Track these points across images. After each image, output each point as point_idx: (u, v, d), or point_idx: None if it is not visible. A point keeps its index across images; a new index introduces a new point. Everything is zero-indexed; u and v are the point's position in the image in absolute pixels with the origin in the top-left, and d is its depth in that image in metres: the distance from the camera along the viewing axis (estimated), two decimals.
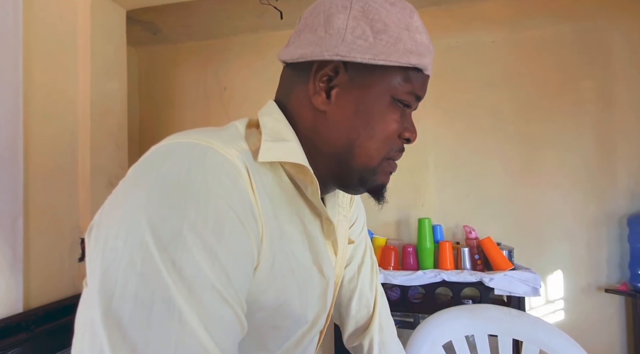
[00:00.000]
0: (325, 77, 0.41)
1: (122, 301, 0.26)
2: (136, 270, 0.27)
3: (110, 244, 0.28)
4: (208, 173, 0.31)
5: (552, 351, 0.93)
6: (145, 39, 2.08)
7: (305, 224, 0.42)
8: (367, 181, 0.43)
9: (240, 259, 0.32)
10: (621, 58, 1.64)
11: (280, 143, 0.39)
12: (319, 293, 0.44)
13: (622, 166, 1.62)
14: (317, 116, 0.42)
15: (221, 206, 0.30)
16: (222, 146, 0.33)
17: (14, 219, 0.88)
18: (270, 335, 0.39)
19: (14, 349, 0.86)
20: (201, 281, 0.28)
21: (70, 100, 1.07)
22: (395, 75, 0.41)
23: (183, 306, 0.27)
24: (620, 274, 1.60)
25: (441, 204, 1.80)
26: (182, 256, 0.28)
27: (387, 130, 0.42)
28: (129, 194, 0.31)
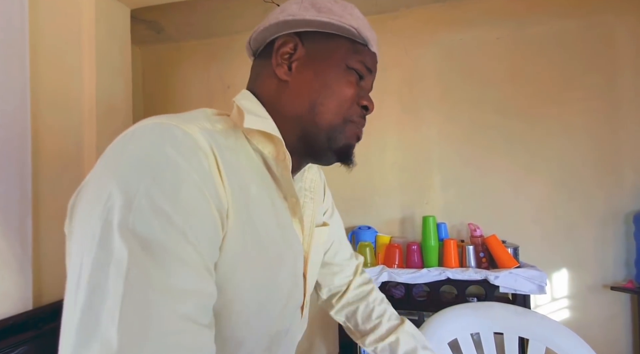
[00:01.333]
0: (286, 55, 0.47)
1: (88, 268, 0.29)
2: (94, 237, 0.30)
3: (79, 223, 0.32)
4: (168, 147, 0.33)
5: (559, 348, 0.92)
6: (148, 38, 2.08)
7: (273, 201, 0.45)
8: (334, 140, 0.47)
9: (200, 222, 0.33)
10: (627, 54, 1.62)
11: (261, 119, 0.44)
12: (289, 268, 0.48)
13: (628, 163, 1.61)
14: (280, 86, 0.47)
15: (178, 172, 0.32)
16: (182, 123, 0.36)
17: (23, 217, 0.89)
18: (252, 309, 0.42)
19: (22, 346, 0.87)
20: (154, 241, 0.30)
21: (76, 98, 1.07)
22: (344, 45, 0.47)
23: (132, 263, 0.29)
24: (627, 271, 1.59)
25: (446, 202, 1.79)
26: (136, 220, 0.30)
27: (344, 91, 0.47)
28: (95, 170, 0.34)
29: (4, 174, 0.86)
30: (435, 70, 1.81)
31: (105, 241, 0.29)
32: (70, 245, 0.33)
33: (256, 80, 0.50)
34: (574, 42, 1.68)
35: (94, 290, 0.28)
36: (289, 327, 0.50)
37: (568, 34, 1.68)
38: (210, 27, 1.99)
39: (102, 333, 0.27)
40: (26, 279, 0.91)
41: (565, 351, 0.91)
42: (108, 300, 0.28)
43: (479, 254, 1.54)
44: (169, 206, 0.31)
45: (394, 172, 1.84)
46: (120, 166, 0.32)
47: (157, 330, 0.28)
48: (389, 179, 1.85)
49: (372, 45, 0.49)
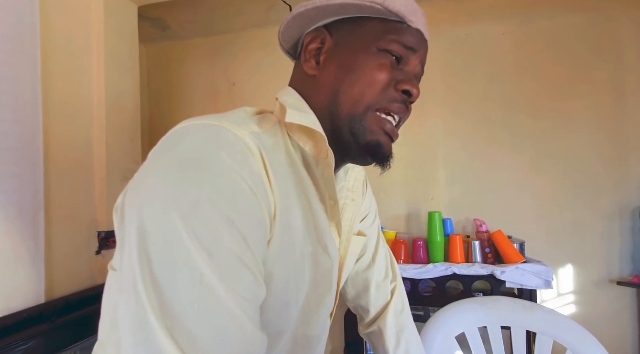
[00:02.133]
0: (314, 50, 0.45)
1: (154, 266, 0.28)
2: (161, 239, 0.29)
3: (137, 222, 0.30)
4: (221, 149, 0.33)
5: (566, 342, 0.92)
6: (153, 35, 2.09)
7: (311, 204, 0.43)
8: (356, 133, 0.43)
9: (255, 227, 0.33)
10: (634, 48, 1.62)
11: (303, 113, 0.42)
12: (324, 271, 0.46)
13: (635, 157, 1.61)
14: (309, 82, 0.46)
15: (234, 178, 0.32)
16: (233, 126, 0.35)
17: (35, 212, 0.90)
18: (281, 312, 0.41)
19: (36, 338, 0.88)
20: (220, 246, 0.30)
21: (86, 96, 1.08)
22: (374, 27, 0.43)
23: (204, 269, 0.28)
24: (633, 266, 1.59)
25: (451, 197, 1.80)
26: (201, 224, 0.29)
27: (372, 74, 0.42)
28: (149, 173, 0.33)
29: (17, 170, 0.87)
30: (440, 66, 1.80)
31: (171, 245, 0.29)
32: (124, 244, 0.32)
33: (292, 80, 0.50)
34: (580, 36, 1.67)
35: (162, 291, 0.28)
36: (321, 333, 0.49)
37: (574, 29, 1.68)
38: (215, 24, 2.00)
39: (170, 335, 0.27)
40: (38, 273, 0.92)
41: (572, 345, 0.91)
42: (175, 303, 0.28)
43: (484, 250, 1.54)
44: (230, 212, 0.31)
45: (399, 168, 1.84)
46: (177, 169, 0.31)
47: (225, 336, 0.28)
48: (394, 175, 1.85)
49: (411, 21, 0.43)
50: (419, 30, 0.44)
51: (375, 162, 0.46)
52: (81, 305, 1.02)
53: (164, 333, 0.26)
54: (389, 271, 0.65)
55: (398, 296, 0.64)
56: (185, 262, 0.28)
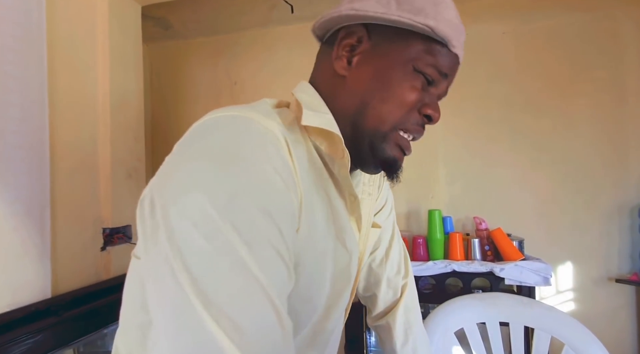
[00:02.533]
0: (348, 46, 0.43)
1: (192, 256, 0.28)
2: (201, 231, 0.29)
3: (171, 212, 0.30)
4: (254, 141, 0.33)
5: (564, 338, 0.93)
6: (156, 34, 2.11)
7: (330, 199, 0.43)
8: (376, 149, 0.43)
9: (289, 219, 0.34)
10: (634, 48, 1.62)
11: (318, 113, 0.41)
12: (342, 267, 0.46)
13: (634, 157, 1.62)
14: (337, 81, 0.44)
15: (268, 170, 0.32)
16: (262, 118, 0.36)
17: (42, 208, 0.92)
18: (305, 307, 0.41)
19: (43, 332, 0.90)
20: (258, 238, 0.30)
21: (91, 95, 1.10)
22: (416, 45, 0.41)
23: (246, 260, 0.29)
24: (631, 264, 1.60)
25: (451, 195, 1.81)
26: (240, 215, 0.30)
27: (404, 96, 0.42)
28: (180, 164, 0.33)
29: (25, 167, 0.89)
30: None
31: (211, 236, 0.29)
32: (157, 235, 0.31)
33: (317, 70, 0.48)
34: (580, 36, 1.68)
35: (203, 282, 0.28)
36: (335, 326, 0.49)
37: (574, 28, 1.68)
38: (217, 24, 2.01)
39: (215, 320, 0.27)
40: (45, 269, 0.94)
41: (570, 341, 0.92)
42: (218, 293, 0.28)
43: (484, 247, 1.55)
44: (267, 204, 0.31)
45: None
46: (211, 161, 0.31)
47: (267, 326, 0.29)
48: None
49: (453, 46, 0.41)
50: (457, 55, 0.43)
51: (386, 176, 0.46)
52: (87, 300, 1.04)
53: (211, 321, 0.26)
54: (402, 267, 0.65)
55: (409, 292, 0.65)
56: (227, 252, 0.29)
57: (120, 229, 1.17)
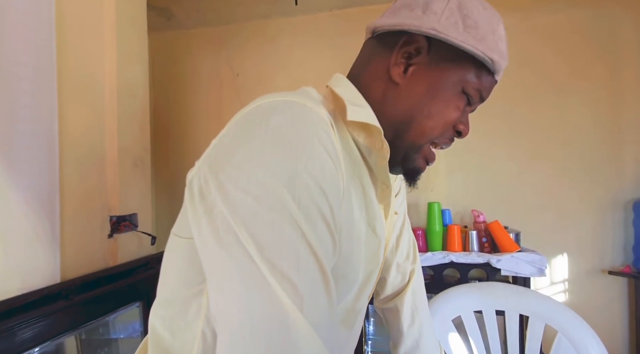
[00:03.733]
0: (406, 54, 0.44)
1: (257, 227, 0.31)
2: (264, 204, 0.32)
3: (232, 189, 0.32)
4: (310, 126, 0.35)
5: (558, 325, 0.96)
6: (158, 24, 2.10)
7: (364, 186, 0.46)
8: (409, 159, 0.46)
9: (337, 198, 0.36)
10: (632, 45, 1.64)
11: (359, 108, 0.43)
12: (373, 251, 0.49)
13: (629, 152, 1.65)
14: (389, 86, 0.46)
15: (323, 154, 0.35)
16: (313, 105, 0.37)
17: (52, 195, 0.94)
18: (340, 284, 0.43)
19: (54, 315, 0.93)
20: (315, 212, 0.33)
21: (99, 84, 1.11)
22: (469, 69, 0.43)
23: (304, 227, 0.32)
24: (624, 257, 1.64)
25: (450, 188, 1.83)
26: (301, 191, 0.32)
27: (449, 115, 0.44)
28: (241, 145, 0.35)
29: (35, 154, 0.90)
30: None
31: (276, 206, 0.31)
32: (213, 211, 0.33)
33: (366, 66, 0.48)
34: (580, 33, 1.69)
35: (269, 249, 0.31)
36: (362, 307, 0.52)
37: (574, 25, 1.70)
38: (220, 14, 2.00)
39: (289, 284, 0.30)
40: (55, 254, 0.96)
41: (564, 328, 0.95)
42: (281, 260, 0.30)
43: (481, 239, 1.58)
44: (323, 183, 0.34)
45: None
46: (272, 142, 0.33)
47: (320, 294, 0.32)
48: None
49: (498, 75, 0.45)
50: (496, 81, 0.46)
51: (407, 182, 0.49)
52: (95, 285, 1.06)
53: (276, 284, 0.29)
54: (411, 253, 0.68)
55: (417, 277, 0.68)
56: (288, 222, 0.31)
57: (126, 217, 1.19)
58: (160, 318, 0.43)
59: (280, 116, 0.35)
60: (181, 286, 0.41)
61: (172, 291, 0.43)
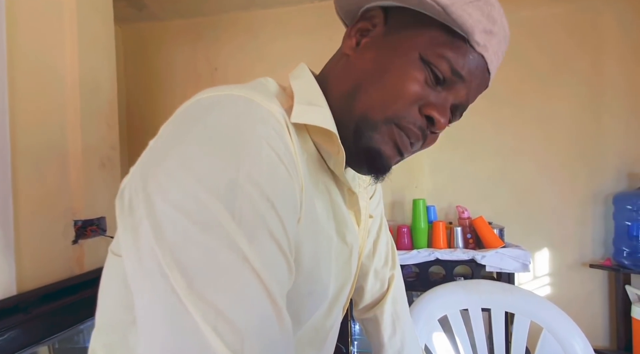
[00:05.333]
0: (362, 31, 0.40)
1: (185, 251, 0.25)
2: (196, 222, 0.26)
3: (158, 202, 0.27)
4: (257, 125, 0.30)
5: (543, 322, 0.96)
6: (130, 15, 1.99)
7: (330, 193, 0.41)
8: (362, 136, 0.38)
9: (291, 210, 0.31)
10: (613, 40, 1.66)
11: (311, 107, 0.37)
12: (343, 262, 0.44)
13: (610, 146, 1.67)
14: (341, 60, 0.41)
15: (273, 158, 0.30)
16: (264, 100, 0.32)
17: (3, 198, 0.85)
18: (305, 302, 0.39)
19: (12, 330, 0.85)
20: (261, 230, 0.27)
21: (59, 75, 1.01)
22: (430, 33, 0.36)
23: (246, 249, 0.26)
24: (605, 250, 1.67)
25: (435, 185, 1.82)
26: (242, 205, 0.27)
27: (401, 84, 0.36)
28: (171, 149, 0.29)
29: None
30: None
31: (210, 228, 0.26)
32: (140, 229, 0.28)
33: (332, 57, 0.45)
34: (563, 27, 1.70)
35: (199, 279, 0.25)
36: (334, 323, 0.48)
37: (557, 19, 1.70)
38: (196, 5, 1.91)
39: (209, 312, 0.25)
40: (9, 263, 0.88)
41: (548, 325, 0.95)
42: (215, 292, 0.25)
43: (466, 236, 1.58)
44: (270, 193, 0.28)
45: None
46: (209, 145, 0.28)
47: (267, 327, 0.26)
48: None
49: (477, 42, 0.35)
50: (483, 58, 0.36)
51: (368, 170, 0.41)
52: (59, 296, 0.98)
53: (205, 325, 0.24)
54: (389, 258, 0.63)
55: (396, 284, 0.63)
56: (225, 245, 0.26)
57: (94, 221, 1.11)
58: (102, 345, 0.38)
59: (220, 113, 0.30)
60: (120, 310, 0.36)
61: (112, 316, 0.37)
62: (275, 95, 0.37)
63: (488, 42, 0.35)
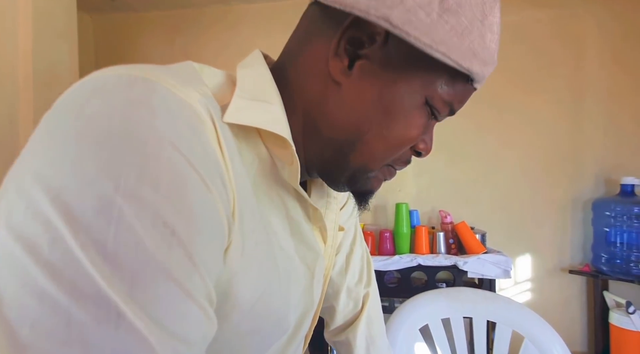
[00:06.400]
0: (353, 40, 0.31)
1: (18, 311, 0.18)
2: (41, 264, 0.18)
3: (14, 217, 0.19)
4: (157, 117, 0.22)
5: (524, 331, 0.95)
6: (101, 5, 1.88)
7: (287, 207, 0.35)
8: (356, 182, 0.35)
9: (207, 236, 0.23)
10: (594, 46, 1.68)
11: (257, 104, 0.30)
12: (304, 287, 0.38)
13: (590, 153, 1.69)
14: (328, 86, 0.32)
15: (178, 162, 0.21)
16: (178, 84, 0.24)
17: None
18: (248, 342, 0.32)
19: None
20: (149, 270, 0.19)
21: (9, 65, 0.92)
22: (440, 75, 0.31)
23: (122, 307, 0.18)
24: (583, 256, 1.68)
25: (418, 189, 1.80)
26: (117, 234, 0.19)
27: (406, 135, 0.33)
28: (31, 150, 0.22)
29: None
30: None
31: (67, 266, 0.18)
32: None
33: (303, 47, 0.34)
34: (545, 32, 1.71)
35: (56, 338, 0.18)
36: None
37: (539, 24, 1.71)
38: None
39: None
40: None
41: (530, 334, 0.94)
42: None
43: (448, 241, 1.57)
44: (169, 217, 0.21)
45: None
46: (78, 145, 0.20)
47: None
48: None
49: (478, 81, 0.33)
50: (475, 89, 0.34)
51: (357, 205, 0.38)
52: None
53: None
54: (364, 274, 0.56)
55: (371, 303, 0.56)
56: (91, 295, 0.18)
57: None
58: None
59: (104, 101, 0.22)
60: None
61: None
62: (212, 84, 0.30)
63: (487, 72, 0.32)
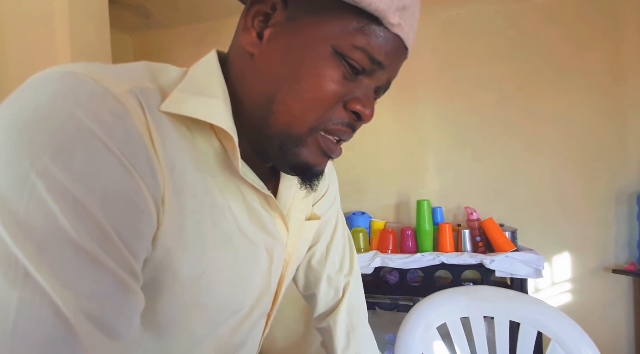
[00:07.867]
0: (261, 15, 0.34)
1: None
2: None
3: None
4: (78, 105, 0.24)
5: (551, 333, 0.90)
6: (138, 24, 2.05)
7: (243, 194, 0.36)
8: (287, 153, 0.35)
9: (125, 213, 0.26)
10: (631, 25, 1.54)
11: (198, 97, 0.32)
12: (262, 271, 0.40)
13: (633, 140, 1.54)
14: (245, 61, 0.35)
15: (93, 145, 0.24)
16: (106, 77, 0.27)
17: None
18: (195, 316, 0.35)
19: None
20: (57, 237, 0.22)
21: None
22: (342, 19, 0.31)
23: (29, 267, 0.21)
24: (629, 254, 1.54)
25: (442, 185, 1.75)
26: (29, 207, 0.22)
27: (319, 89, 0.32)
28: None
29: None
30: (431, 48, 1.74)
31: None
32: None
33: (233, 42, 0.38)
34: (576, 13, 1.59)
35: None
36: (246, 340, 0.43)
37: (569, 5, 1.60)
38: (199, 11, 1.94)
39: None
40: None
41: (558, 336, 0.89)
42: None
43: (475, 238, 1.51)
44: (81, 192, 0.23)
45: (388, 156, 1.79)
46: (5, 132, 0.23)
47: None
48: (383, 164, 1.81)
49: (391, 23, 0.31)
50: (399, 37, 0.32)
51: (301, 183, 0.38)
52: None
53: None
54: (345, 263, 0.58)
55: (352, 291, 0.58)
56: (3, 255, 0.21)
57: None
58: None
59: (35, 93, 0.25)
60: None
61: None
62: (165, 81, 0.32)
63: (402, 19, 0.31)
